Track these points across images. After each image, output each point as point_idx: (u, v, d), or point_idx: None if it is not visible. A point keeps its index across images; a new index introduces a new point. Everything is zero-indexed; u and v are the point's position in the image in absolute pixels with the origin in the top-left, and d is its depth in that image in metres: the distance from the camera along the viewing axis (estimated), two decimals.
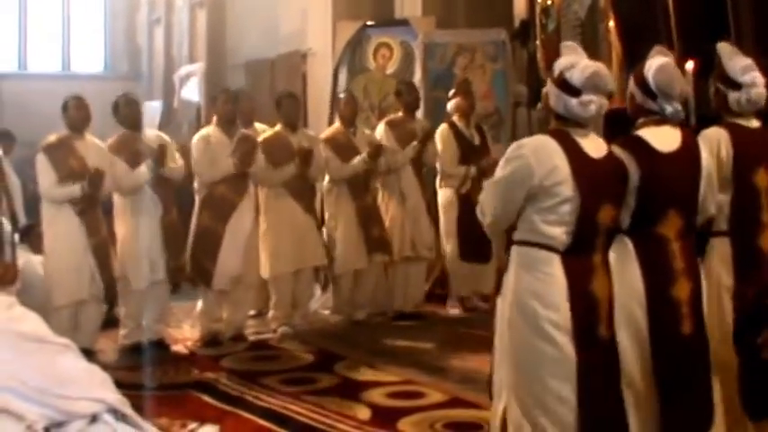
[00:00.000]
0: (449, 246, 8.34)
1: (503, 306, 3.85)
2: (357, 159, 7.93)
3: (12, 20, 16.06)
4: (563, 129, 3.80)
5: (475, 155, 8.32)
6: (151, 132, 7.67)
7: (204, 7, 13.68)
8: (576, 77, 3.74)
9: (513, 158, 3.79)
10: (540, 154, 3.72)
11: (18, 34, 16.13)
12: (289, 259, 7.72)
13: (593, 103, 3.73)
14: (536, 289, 3.71)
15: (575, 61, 3.82)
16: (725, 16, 10.64)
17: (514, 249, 3.82)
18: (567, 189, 3.68)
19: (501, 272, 3.93)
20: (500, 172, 3.83)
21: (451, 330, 7.79)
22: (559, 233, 3.69)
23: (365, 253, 8.02)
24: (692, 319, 3.90)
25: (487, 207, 3.90)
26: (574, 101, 3.74)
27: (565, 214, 3.69)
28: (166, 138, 7.68)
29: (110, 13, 16.53)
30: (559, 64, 3.85)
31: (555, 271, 3.70)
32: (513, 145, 3.89)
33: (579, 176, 3.68)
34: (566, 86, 3.76)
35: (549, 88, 3.86)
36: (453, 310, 8.42)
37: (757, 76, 4.46)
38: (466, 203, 8.12)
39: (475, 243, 8.12)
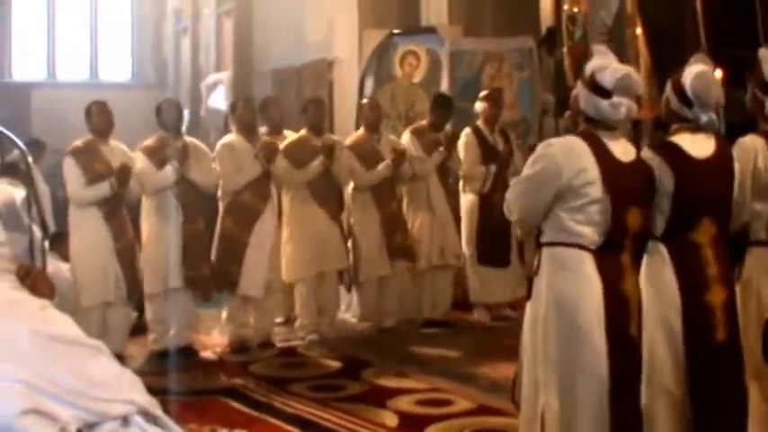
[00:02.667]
0: (468, 250, 8.33)
1: (534, 308, 3.84)
2: (381, 166, 7.94)
3: (40, 29, 16.19)
4: (592, 131, 3.80)
5: (497, 159, 8.30)
6: (189, 139, 7.68)
7: (231, 16, 13.74)
8: (607, 79, 3.74)
9: (541, 157, 3.80)
10: (569, 154, 3.73)
11: (47, 43, 16.27)
12: (311, 262, 7.74)
13: (624, 106, 3.74)
14: (570, 287, 3.72)
15: (606, 63, 3.83)
16: (754, 23, 10.61)
17: (545, 251, 3.82)
18: (596, 190, 3.68)
19: (530, 278, 3.92)
20: (528, 170, 3.84)
21: (479, 338, 7.78)
22: (589, 232, 3.70)
23: (387, 259, 8.01)
24: (726, 325, 3.90)
25: (514, 204, 3.91)
26: (604, 102, 3.74)
27: (593, 214, 3.69)
28: (203, 146, 7.70)
29: (137, 22, 16.64)
30: (591, 66, 3.86)
31: (588, 269, 3.71)
32: (542, 144, 3.90)
33: (608, 179, 3.69)
34: (596, 88, 3.76)
35: (580, 90, 3.87)
36: (481, 318, 8.38)
37: None
38: (487, 207, 8.14)
39: (494, 247, 8.15)
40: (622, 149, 3.83)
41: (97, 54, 16.63)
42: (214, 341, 7.75)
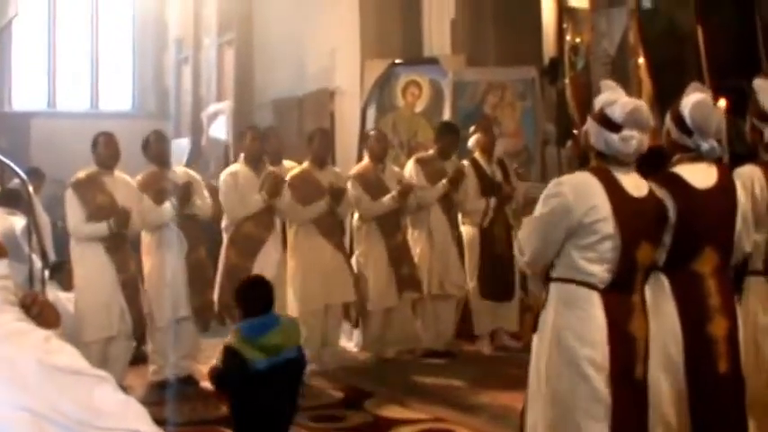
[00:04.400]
0: (471, 283, 8.30)
1: (540, 343, 3.83)
2: (387, 198, 7.92)
3: (41, 58, 16.21)
4: (604, 166, 3.78)
5: (496, 190, 8.28)
6: (180, 170, 7.71)
7: (232, 46, 13.77)
8: (617, 113, 3.74)
9: (552, 196, 3.78)
10: (579, 191, 3.71)
11: (47, 72, 16.27)
12: (318, 296, 7.72)
13: (635, 139, 3.73)
14: (575, 327, 3.69)
15: (615, 98, 3.83)
16: (756, 53, 10.67)
17: (553, 286, 3.80)
18: (608, 227, 3.66)
19: (538, 310, 3.90)
20: (539, 210, 3.82)
21: (481, 368, 7.74)
22: (599, 270, 3.68)
23: (396, 291, 7.99)
24: (728, 357, 3.89)
25: (527, 245, 3.88)
26: (615, 136, 3.73)
27: (605, 252, 3.67)
28: (195, 175, 7.74)
29: (138, 51, 16.66)
30: (599, 100, 3.87)
31: (594, 309, 3.68)
32: (553, 182, 3.90)
33: (620, 215, 3.67)
34: (606, 122, 3.76)
35: (589, 125, 3.87)
36: (483, 348, 8.33)
37: None
38: (487, 241, 8.16)
39: (496, 281, 8.13)
40: (634, 184, 3.81)
41: (98, 83, 16.64)
42: None
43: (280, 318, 5.41)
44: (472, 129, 8.51)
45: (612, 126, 3.75)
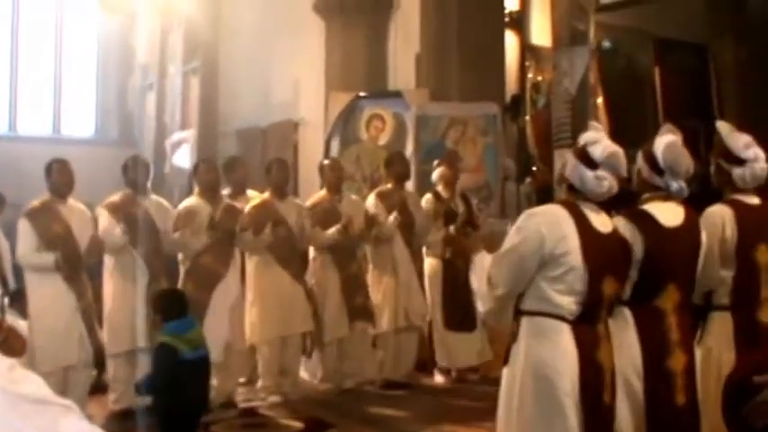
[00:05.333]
0: (433, 314, 8.36)
1: (511, 376, 3.89)
2: (331, 230, 7.92)
3: (2, 82, 16.11)
4: (573, 201, 3.90)
5: (458, 222, 8.35)
6: (155, 198, 7.61)
7: (197, 74, 13.79)
8: (597, 152, 3.86)
9: (524, 227, 3.87)
10: (550, 222, 3.81)
11: (9, 96, 16.18)
12: (275, 325, 7.71)
13: (607, 180, 3.85)
14: (548, 358, 3.77)
15: (599, 137, 3.95)
16: (709, 96, 10.92)
17: (524, 320, 3.87)
18: (575, 259, 3.76)
19: (510, 342, 3.97)
20: (512, 240, 3.89)
21: (440, 400, 7.78)
22: (568, 302, 3.76)
23: (347, 321, 8.02)
24: (686, 390, 3.99)
25: (500, 278, 3.92)
26: (590, 174, 3.84)
27: (572, 283, 3.76)
28: (167, 205, 7.68)
29: (101, 76, 16.60)
30: (584, 137, 3.99)
31: (565, 340, 3.76)
32: (524, 214, 3.99)
33: (587, 248, 3.77)
34: (585, 158, 3.87)
35: (569, 158, 3.97)
36: (440, 380, 8.40)
37: (759, 151, 4.56)
38: (451, 272, 8.20)
39: (459, 312, 8.17)
40: (601, 221, 3.91)
41: (60, 108, 16.56)
42: None
43: (193, 319, 6.23)
44: (437, 162, 8.60)
45: (590, 163, 3.86)
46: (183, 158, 12.95)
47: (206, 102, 13.55)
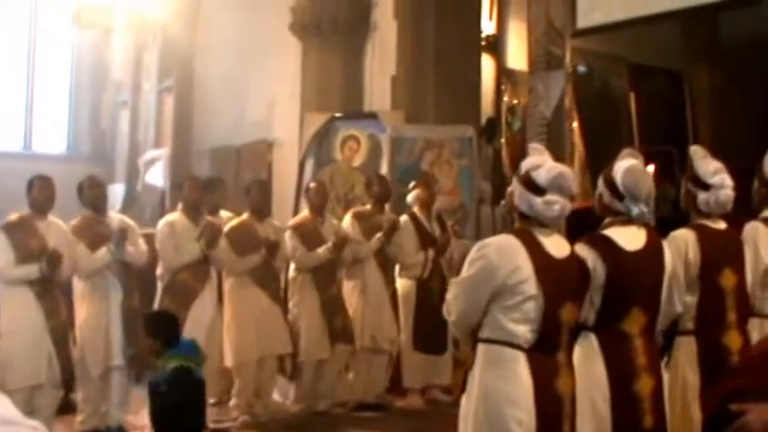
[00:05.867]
0: (404, 336, 8.34)
1: (467, 404, 3.87)
2: (322, 249, 7.94)
3: None
4: (526, 228, 3.87)
5: (434, 245, 8.37)
6: (115, 216, 7.61)
7: (172, 92, 13.72)
8: (541, 177, 3.83)
9: (476, 259, 3.85)
10: (502, 253, 3.79)
11: None
12: (253, 347, 7.68)
13: (557, 204, 3.82)
14: (502, 387, 3.75)
15: (541, 161, 3.92)
16: (684, 121, 11.03)
17: (481, 347, 3.86)
18: (531, 288, 3.74)
19: (466, 370, 3.95)
20: (465, 272, 3.89)
21: (412, 422, 7.79)
22: (524, 331, 3.75)
23: (328, 343, 7.99)
24: (653, 414, 4.01)
25: (453, 306, 3.95)
26: (538, 200, 3.82)
27: (529, 312, 3.75)
28: (131, 222, 7.64)
29: (75, 92, 16.48)
30: (526, 163, 3.95)
31: (520, 369, 3.74)
32: (477, 245, 3.97)
33: (542, 275, 3.76)
34: (531, 185, 3.84)
35: (515, 187, 3.95)
36: (414, 402, 8.36)
37: (726, 178, 4.61)
38: (424, 294, 8.21)
39: (430, 334, 8.16)
40: (556, 245, 3.90)
41: (32, 124, 16.42)
42: (143, 421, 7.58)
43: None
44: (413, 184, 8.59)
45: (537, 190, 3.84)
46: (155, 177, 12.87)
47: (180, 120, 13.47)
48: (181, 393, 5.71)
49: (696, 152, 4.78)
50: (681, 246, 4.44)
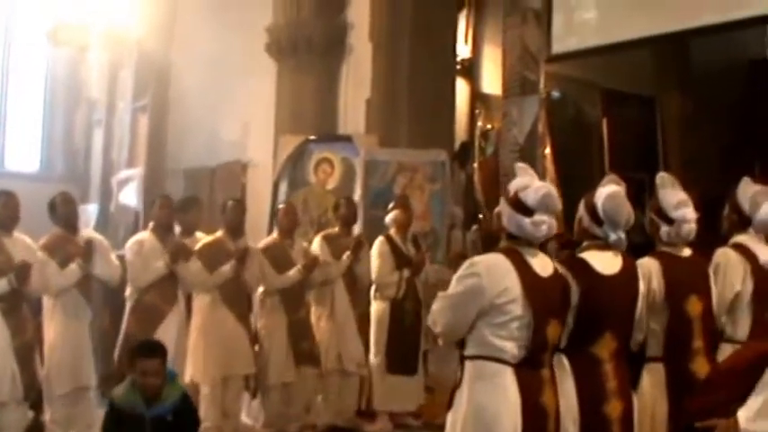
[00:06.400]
0: (376, 358, 8.34)
1: (454, 419, 3.90)
2: (292, 271, 7.94)
3: None
4: (515, 247, 3.92)
5: (409, 266, 8.38)
6: (87, 233, 7.59)
7: (146, 111, 13.67)
8: (530, 198, 3.89)
9: (466, 276, 3.90)
10: (492, 272, 3.84)
11: None
12: (217, 365, 7.65)
13: (545, 224, 3.89)
14: (490, 401, 3.80)
15: (528, 182, 3.99)
16: (655, 148, 11.11)
17: (468, 364, 3.91)
18: (518, 307, 3.80)
19: (453, 388, 3.98)
20: (454, 288, 3.93)
21: None
22: (511, 347, 3.80)
23: (293, 366, 7.97)
24: None
25: (439, 318, 4.00)
26: (527, 220, 3.88)
27: (515, 330, 3.80)
28: (101, 237, 7.61)
29: (48, 109, 16.37)
30: (514, 184, 4.02)
31: (508, 383, 3.80)
32: (467, 262, 4.02)
33: (530, 295, 3.82)
34: (520, 206, 3.90)
35: (503, 207, 4.02)
36: (383, 426, 8.35)
37: (689, 212, 4.66)
38: (398, 314, 8.21)
39: (403, 354, 8.17)
40: (541, 264, 3.97)
41: (5, 142, 16.30)
42: None
43: None
44: (391, 205, 8.59)
45: (525, 210, 3.91)
46: (129, 197, 12.81)
47: (154, 140, 13.41)
48: (185, 421, 5.51)
49: (663, 180, 4.83)
50: (645, 273, 4.48)
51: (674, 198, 4.71)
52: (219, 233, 7.91)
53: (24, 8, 15.61)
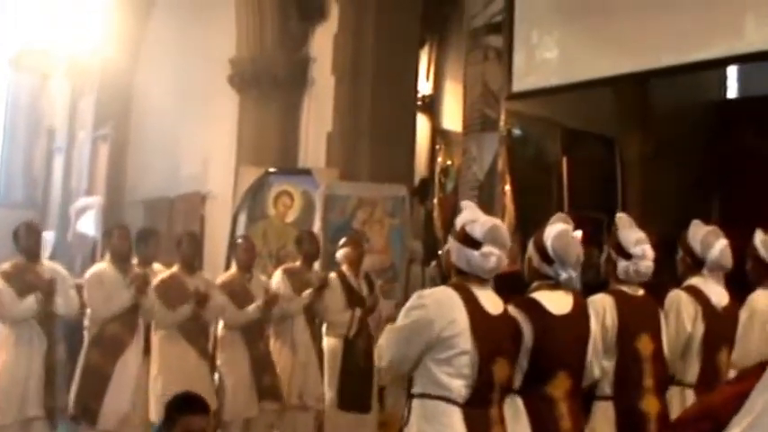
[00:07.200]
0: (328, 394, 8.28)
1: None
2: (252, 307, 7.89)
3: None
4: (464, 282, 3.91)
5: (362, 303, 8.34)
6: (48, 264, 7.52)
7: (107, 141, 13.62)
8: (477, 231, 3.90)
9: (414, 308, 3.89)
10: (440, 305, 3.83)
11: None
12: None
13: (494, 256, 3.88)
14: None
15: (475, 216, 3.98)
16: (615, 188, 11.17)
17: (415, 402, 3.89)
18: (465, 342, 3.78)
19: (401, 427, 3.96)
20: (401, 320, 3.92)
21: None
22: (459, 386, 3.78)
23: (256, 401, 7.90)
24: None
25: (385, 352, 3.97)
26: (475, 253, 3.88)
27: (462, 367, 3.78)
28: (63, 271, 7.55)
29: (9, 136, 16.28)
30: (461, 219, 4.02)
31: (455, 423, 3.77)
32: (415, 295, 4.02)
33: (477, 331, 3.80)
34: (467, 240, 3.90)
35: (451, 243, 4.01)
36: None
37: (647, 249, 4.68)
38: (350, 352, 8.15)
39: (356, 392, 8.12)
40: (491, 301, 3.96)
41: None
42: None
43: None
44: (342, 242, 8.57)
45: (473, 243, 3.90)
46: (87, 225, 12.71)
47: (114, 169, 13.37)
48: None
49: (622, 220, 4.86)
50: (599, 310, 4.50)
51: (634, 235, 4.73)
52: (175, 268, 7.84)
53: None
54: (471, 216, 4.02)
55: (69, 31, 12.17)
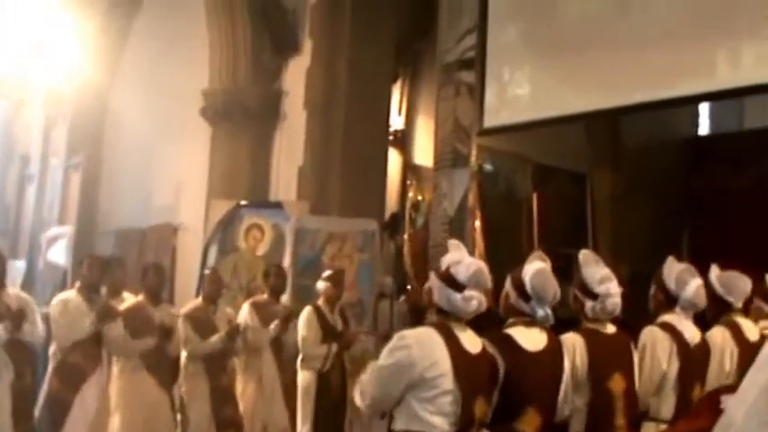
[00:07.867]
0: (303, 427, 8.24)
1: None
2: (215, 338, 7.86)
3: None
4: (445, 322, 3.92)
5: (337, 338, 8.33)
6: (13, 292, 7.49)
7: (79, 169, 13.58)
8: (461, 274, 3.92)
9: (397, 348, 3.90)
10: (423, 346, 3.85)
11: None
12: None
13: (475, 299, 3.91)
14: None
15: (460, 258, 4.00)
16: (585, 224, 11.20)
17: None
18: (448, 382, 3.81)
19: None
20: (383, 360, 3.94)
21: None
22: (440, 422, 3.82)
23: None
24: None
25: (367, 392, 4.00)
26: (458, 296, 3.91)
27: (444, 405, 3.81)
28: (29, 298, 7.53)
29: None
30: (446, 260, 4.04)
31: None
32: (397, 335, 4.03)
33: (459, 371, 3.83)
34: (451, 281, 3.93)
35: (433, 282, 4.04)
36: None
37: (612, 286, 4.69)
38: (325, 386, 8.14)
39: (329, 426, 8.10)
40: (470, 340, 3.99)
41: None
42: None
43: None
44: (326, 275, 8.49)
45: (456, 286, 3.93)
46: (58, 255, 12.63)
47: (86, 199, 13.33)
48: None
49: (585, 257, 4.87)
50: (570, 349, 4.51)
51: (598, 273, 4.75)
52: (140, 297, 7.83)
53: None
54: (457, 257, 4.05)
55: (44, 61, 12.12)
